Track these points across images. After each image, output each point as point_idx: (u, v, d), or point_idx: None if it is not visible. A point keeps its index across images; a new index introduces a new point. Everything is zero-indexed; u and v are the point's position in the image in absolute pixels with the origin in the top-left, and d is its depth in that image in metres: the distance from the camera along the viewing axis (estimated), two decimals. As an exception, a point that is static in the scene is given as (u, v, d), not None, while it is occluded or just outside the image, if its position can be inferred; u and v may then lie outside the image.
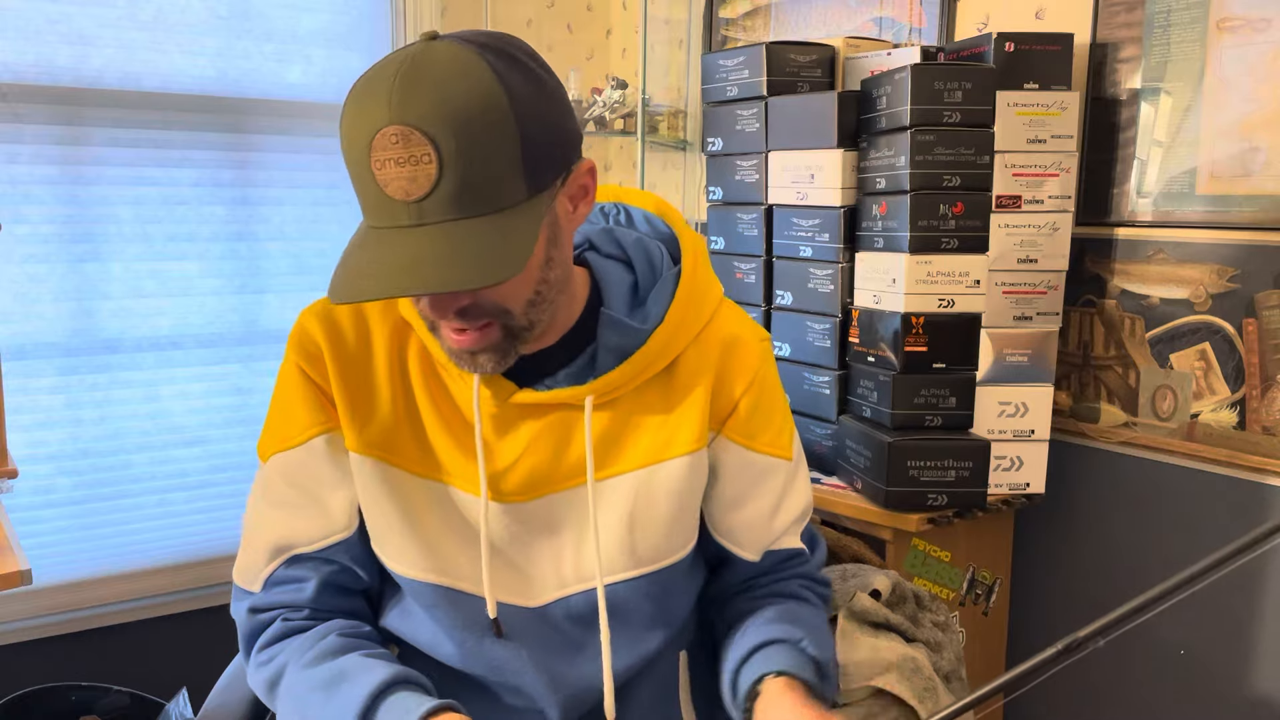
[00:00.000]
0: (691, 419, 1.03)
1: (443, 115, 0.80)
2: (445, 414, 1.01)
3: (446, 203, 0.82)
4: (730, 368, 1.06)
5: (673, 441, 1.02)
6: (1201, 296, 1.77)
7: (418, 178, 0.81)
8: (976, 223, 1.78)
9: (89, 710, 2.14)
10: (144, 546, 2.37)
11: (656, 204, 1.13)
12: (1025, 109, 1.80)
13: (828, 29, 2.33)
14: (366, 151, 0.82)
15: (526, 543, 1.01)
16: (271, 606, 1.03)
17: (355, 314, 1.03)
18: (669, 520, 1.03)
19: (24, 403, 2.21)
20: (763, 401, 1.08)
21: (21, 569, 1.52)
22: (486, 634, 1.02)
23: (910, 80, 1.73)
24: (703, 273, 1.06)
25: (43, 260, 2.21)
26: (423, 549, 1.00)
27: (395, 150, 0.81)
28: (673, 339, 1.02)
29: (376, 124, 0.81)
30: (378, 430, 1.01)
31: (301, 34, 2.44)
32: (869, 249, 1.88)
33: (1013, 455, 1.87)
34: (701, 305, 1.05)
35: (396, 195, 0.82)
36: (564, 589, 1.02)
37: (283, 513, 1.02)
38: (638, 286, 1.05)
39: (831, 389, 1.97)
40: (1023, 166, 1.81)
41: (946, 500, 1.77)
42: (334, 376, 1.01)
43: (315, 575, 1.02)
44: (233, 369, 2.45)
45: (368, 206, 0.85)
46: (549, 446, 1.00)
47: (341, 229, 2.55)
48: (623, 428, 1.02)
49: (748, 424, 1.07)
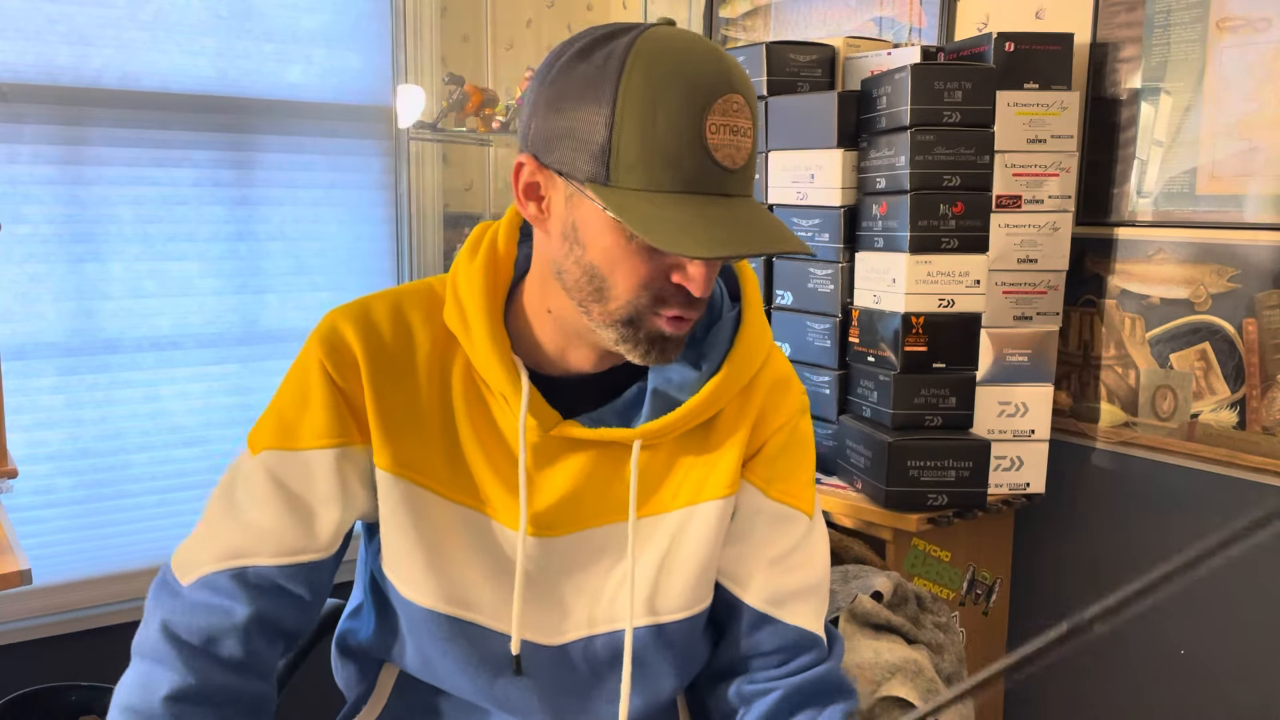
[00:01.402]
0: (728, 461, 0.99)
1: (752, 96, 0.85)
2: (485, 438, 0.96)
3: (748, 178, 0.85)
4: (771, 406, 1.02)
5: (709, 484, 0.99)
6: (1202, 296, 1.77)
7: (742, 148, 0.83)
8: (976, 222, 1.78)
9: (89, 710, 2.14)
10: (144, 546, 2.36)
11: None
12: (1025, 109, 1.80)
13: (828, 29, 2.33)
14: (702, 114, 0.81)
15: (557, 577, 0.98)
16: (190, 630, 0.94)
17: (397, 322, 0.97)
18: (699, 567, 0.99)
19: (24, 403, 2.21)
20: (791, 449, 1.03)
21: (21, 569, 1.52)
22: (501, 670, 0.98)
23: (910, 80, 1.73)
24: (759, 316, 1.02)
25: (43, 260, 2.21)
26: (443, 579, 0.96)
27: (733, 118, 0.82)
28: (728, 388, 0.98)
29: (719, 89, 0.82)
30: (412, 449, 0.95)
31: (301, 34, 2.44)
32: (869, 249, 1.88)
33: (1013, 455, 1.87)
34: (757, 352, 1.00)
35: (724, 161, 0.82)
36: (588, 629, 0.98)
37: (255, 513, 0.95)
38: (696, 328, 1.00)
39: (831, 389, 1.97)
40: (1023, 166, 1.81)
41: (946, 500, 1.77)
42: (369, 388, 0.95)
43: (249, 606, 0.94)
44: (233, 369, 2.45)
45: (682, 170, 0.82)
46: (591, 482, 0.97)
47: (341, 229, 2.55)
48: (665, 468, 0.99)
49: (770, 467, 1.02)
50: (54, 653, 2.25)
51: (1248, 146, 1.69)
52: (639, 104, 0.81)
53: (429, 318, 0.98)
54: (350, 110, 2.52)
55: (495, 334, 0.95)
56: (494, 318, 0.95)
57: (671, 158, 0.81)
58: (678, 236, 0.80)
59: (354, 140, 2.53)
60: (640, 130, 0.81)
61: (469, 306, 0.96)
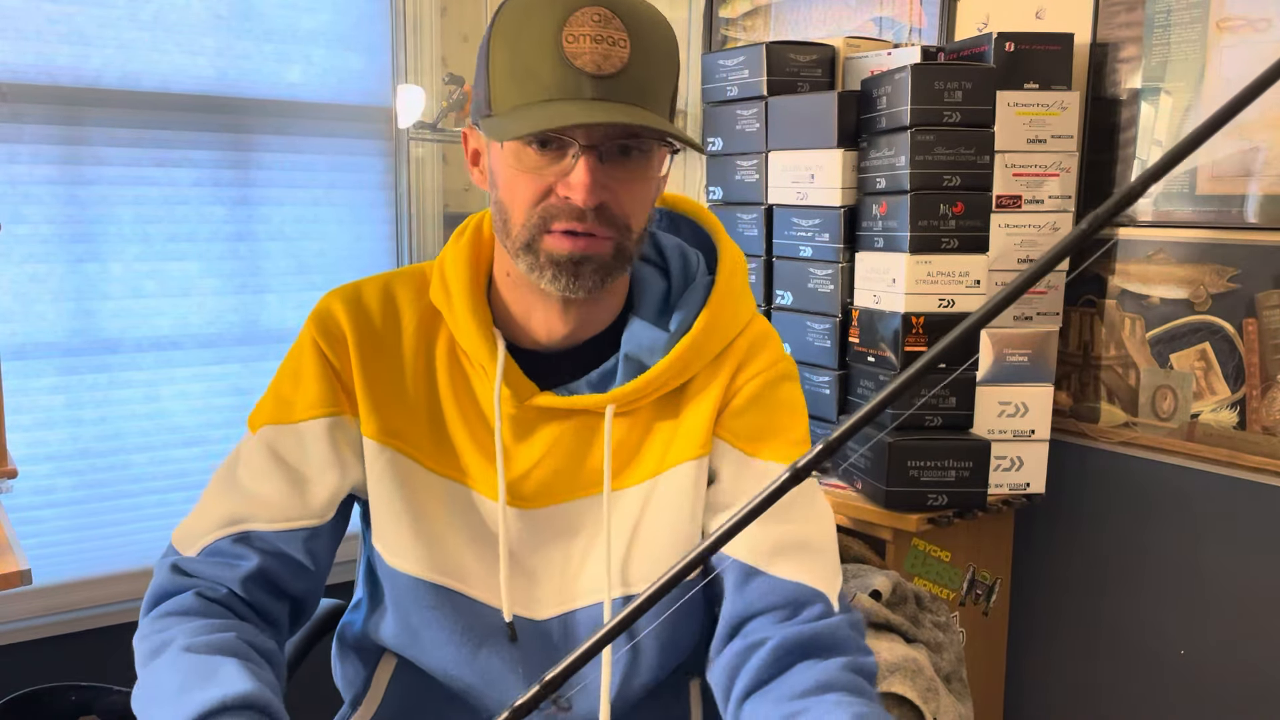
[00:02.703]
0: (699, 422, 0.98)
1: (639, 15, 0.86)
2: (466, 411, 0.99)
3: (628, 87, 0.85)
4: (744, 364, 1.01)
5: (676, 447, 0.98)
6: (1202, 296, 1.77)
7: (611, 56, 0.84)
8: (976, 222, 1.78)
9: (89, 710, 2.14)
10: (144, 546, 2.36)
11: (697, 210, 1.10)
12: (1025, 109, 1.80)
13: (828, 29, 2.33)
14: (559, 24, 0.83)
15: (537, 551, 0.98)
16: (195, 574, 0.97)
17: (386, 301, 1.01)
18: (672, 534, 0.97)
19: (24, 403, 2.21)
20: (767, 402, 1.00)
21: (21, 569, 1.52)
22: (485, 642, 0.99)
23: (910, 80, 1.73)
24: (738, 284, 1.02)
25: (43, 260, 2.21)
26: (430, 547, 0.97)
27: (594, 28, 0.83)
28: (698, 351, 0.98)
29: (578, 3, 0.84)
30: (397, 419, 0.98)
31: (301, 34, 2.44)
32: (869, 249, 1.88)
33: (1013, 455, 1.87)
34: (732, 318, 1.01)
35: (586, 68, 0.83)
36: (571, 603, 0.98)
37: (254, 485, 0.98)
38: (671, 293, 1.02)
39: (831, 389, 1.97)
40: (1023, 166, 1.81)
41: (947, 500, 1.77)
42: (356, 362, 0.98)
43: (256, 558, 0.96)
44: (233, 369, 2.45)
45: (539, 82, 0.85)
46: (567, 453, 0.98)
47: (341, 229, 2.55)
48: (641, 438, 0.99)
49: (742, 420, 0.99)
50: (54, 653, 2.25)
51: (1248, 146, 1.69)
52: (505, 33, 0.87)
53: (417, 297, 1.02)
54: (350, 110, 2.52)
55: (475, 306, 0.98)
56: (475, 292, 0.99)
57: (531, 71, 0.85)
58: (513, 127, 0.84)
59: (354, 140, 2.53)
60: (507, 56, 0.87)
61: (452, 282, 0.99)
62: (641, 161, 0.90)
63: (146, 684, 0.89)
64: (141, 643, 0.94)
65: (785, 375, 1.03)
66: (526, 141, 0.87)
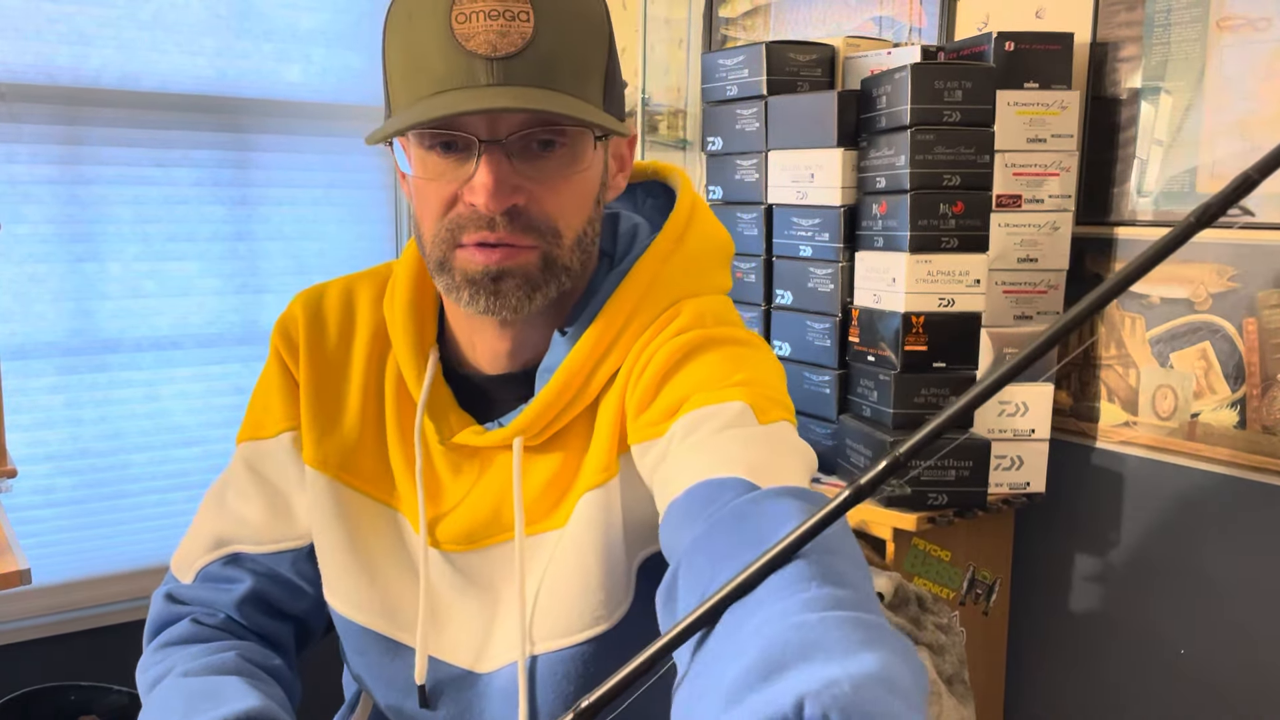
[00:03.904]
0: (601, 443, 0.82)
1: None
2: (407, 437, 0.89)
3: (534, 67, 0.72)
4: (642, 348, 0.82)
5: (581, 478, 0.84)
6: (1202, 296, 1.77)
7: (509, 33, 0.71)
8: (977, 222, 1.78)
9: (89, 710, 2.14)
10: (143, 546, 2.36)
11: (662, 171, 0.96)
12: (1025, 108, 1.80)
13: (828, 28, 2.33)
14: (449, 6, 0.72)
15: (465, 597, 0.88)
16: (190, 601, 0.93)
17: (345, 308, 0.92)
18: (582, 582, 0.82)
19: (24, 403, 2.21)
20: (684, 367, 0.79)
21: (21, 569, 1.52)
22: (412, 693, 0.90)
23: (910, 79, 1.73)
24: (677, 264, 0.86)
25: (42, 260, 2.21)
26: (367, 585, 0.89)
27: (488, 2, 0.71)
28: (592, 354, 0.82)
29: None
30: (338, 443, 0.90)
31: (301, 34, 2.44)
32: (869, 248, 1.88)
33: (1013, 455, 1.87)
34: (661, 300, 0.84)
35: (479, 50, 0.72)
36: (482, 663, 0.88)
37: (239, 505, 0.93)
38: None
39: (831, 389, 1.97)
40: (1023, 166, 1.81)
41: (947, 500, 1.77)
42: (305, 375, 0.91)
43: (249, 580, 0.92)
44: (232, 369, 2.45)
45: (429, 71, 0.73)
46: (491, 493, 0.86)
47: (341, 229, 2.55)
48: (562, 472, 0.84)
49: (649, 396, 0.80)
50: (54, 653, 2.25)
51: (1248, 146, 1.69)
52: (397, 24, 0.76)
53: (375, 302, 0.92)
54: (350, 110, 2.52)
55: (413, 321, 0.88)
56: (418, 307, 0.89)
57: (423, 62, 0.73)
58: (386, 127, 0.74)
59: (354, 140, 2.53)
60: (400, 50, 0.75)
61: (397, 295, 0.90)
62: (566, 154, 0.76)
63: (151, 714, 0.84)
64: (143, 675, 0.90)
65: (709, 341, 0.80)
66: (427, 146, 0.76)
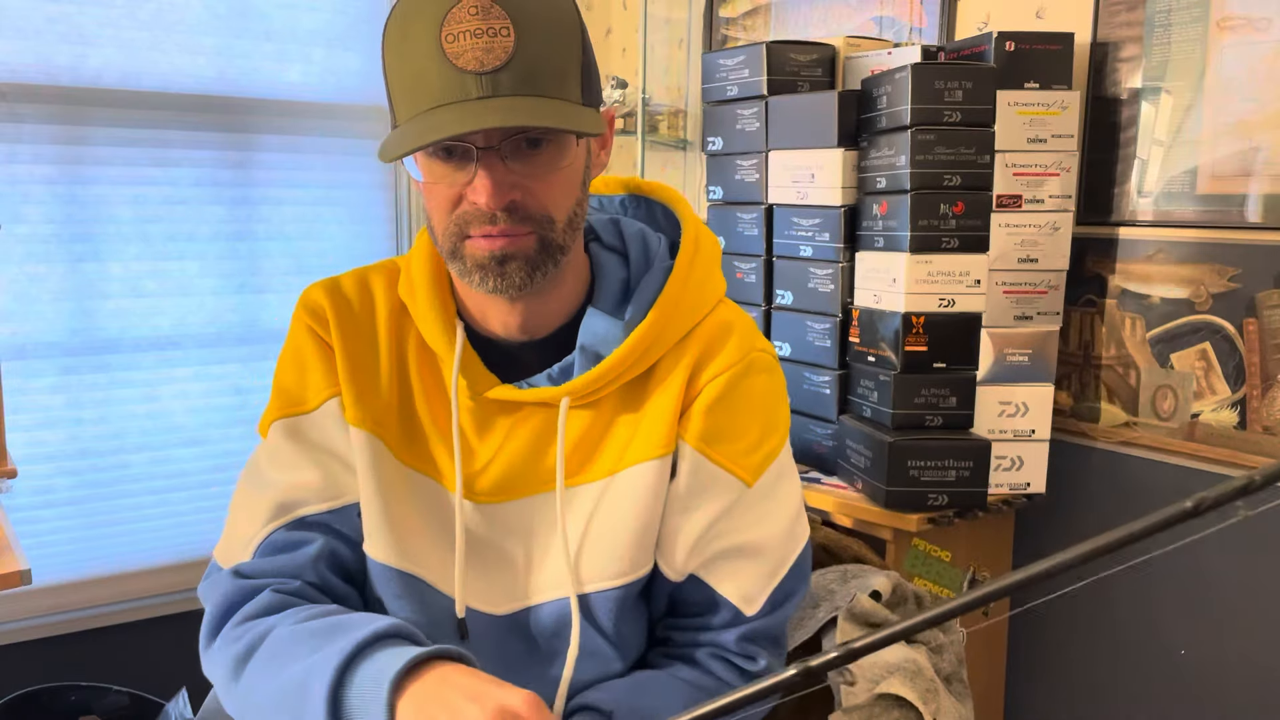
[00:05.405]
0: (661, 420, 0.96)
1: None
2: (434, 403, 0.98)
3: (519, 77, 0.82)
4: (707, 355, 0.98)
5: (636, 445, 0.96)
6: (1202, 296, 1.77)
7: (494, 49, 0.81)
8: (977, 222, 1.78)
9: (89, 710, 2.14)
10: (144, 546, 2.36)
11: (669, 196, 1.08)
12: (1026, 108, 1.79)
13: (828, 28, 2.33)
14: (438, 25, 0.81)
15: (497, 547, 0.97)
16: (263, 573, 0.95)
17: (362, 290, 1.02)
18: (626, 533, 0.95)
19: (24, 403, 2.21)
20: (733, 402, 0.97)
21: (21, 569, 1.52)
22: (447, 636, 0.97)
23: (910, 79, 1.73)
24: (700, 271, 1.00)
25: (42, 260, 2.21)
26: (397, 535, 0.96)
27: (473, 22, 0.81)
28: (655, 340, 0.96)
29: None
30: (374, 405, 0.98)
31: (301, 34, 2.44)
32: (869, 248, 1.88)
33: (1013, 455, 1.87)
34: (694, 303, 0.98)
35: (469, 66, 0.81)
36: (530, 598, 0.97)
37: (291, 475, 0.97)
38: (631, 280, 1.00)
39: (831, 389, 1.97)
40: (1023, 166, 1.81)
41: (947, 500, 1.77)
42: (338, 343, 0.99)
43: (320, 538, 0.96)
44: (232, 369, 2.45)
45: (427, 88, 0.82)
46: (525, 447, 0.97)
47: (341, 229, 2.54)
48: (602, 431, 0.97)
49: (706, 422, 0.96)
50: (54, 653, 2.25)
51: (1248, 146, 1.69)
52: (393, 42, 0.85)
53: (390, 288, 1.02)
54: (350, 110, 2.52)
55: (436, 297, 0.98)
56: (438, 282, 0.99)
57: (418, 79, 0.83)
58: (395, 144, 0.83)
59: (354, 140, 2.53)
60: (397, 66, 0.85)
61: (416, 275, 1.00)
62: (552, 150, 0.87)
63: (256, 676, 0.87)
64: (226, 651, 0.91)
65: (752, 368, 0.99)
66: (431, 154, 0.86)
